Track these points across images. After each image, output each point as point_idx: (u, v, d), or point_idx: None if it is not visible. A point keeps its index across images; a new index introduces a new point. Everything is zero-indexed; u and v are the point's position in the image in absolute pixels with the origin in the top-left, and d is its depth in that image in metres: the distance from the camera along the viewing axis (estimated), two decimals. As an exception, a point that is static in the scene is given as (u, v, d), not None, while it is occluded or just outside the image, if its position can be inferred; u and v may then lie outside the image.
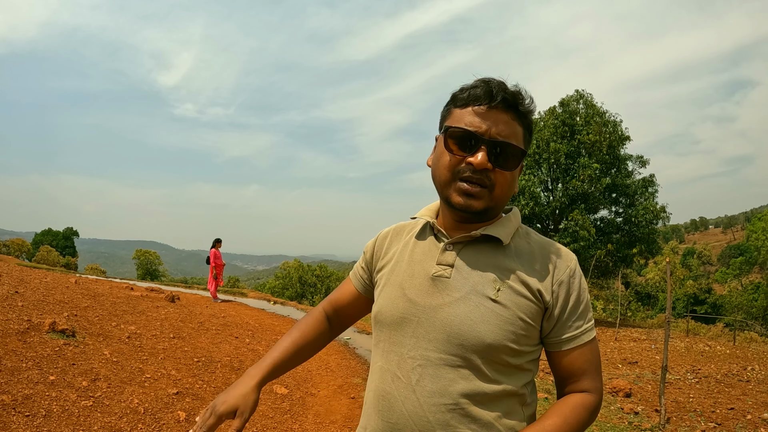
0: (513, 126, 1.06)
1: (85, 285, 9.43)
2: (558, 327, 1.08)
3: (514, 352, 1.04)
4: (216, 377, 5.29)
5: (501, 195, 1.08)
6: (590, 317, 1.12)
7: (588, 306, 1.12)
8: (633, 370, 9.25)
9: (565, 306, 1.07)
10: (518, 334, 1.03)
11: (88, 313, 6.52)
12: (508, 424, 1.04)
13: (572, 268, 1.10)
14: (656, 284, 48.42)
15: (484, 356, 1.02)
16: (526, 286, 1.06)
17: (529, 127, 1.11)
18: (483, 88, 1.06)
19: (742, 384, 8.41)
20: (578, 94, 22.79)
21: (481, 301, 1.04)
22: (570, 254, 1.13)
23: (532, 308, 1.05)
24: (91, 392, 3.96)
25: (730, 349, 13.82)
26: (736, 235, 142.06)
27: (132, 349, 5.38)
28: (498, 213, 1.15)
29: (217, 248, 12.63)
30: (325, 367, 6.68)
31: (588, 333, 1.10)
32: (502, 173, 1.06)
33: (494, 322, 1.02)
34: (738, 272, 49.03)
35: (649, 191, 22.29)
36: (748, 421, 5.98)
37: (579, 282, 1.10)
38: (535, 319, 1.06)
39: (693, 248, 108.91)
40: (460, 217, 1.12)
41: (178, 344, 6.13)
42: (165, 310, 8.16)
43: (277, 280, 48.29)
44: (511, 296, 1.05)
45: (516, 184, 1.13)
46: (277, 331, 8.80)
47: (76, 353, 4.70)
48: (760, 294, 30.40)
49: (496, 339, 1.01)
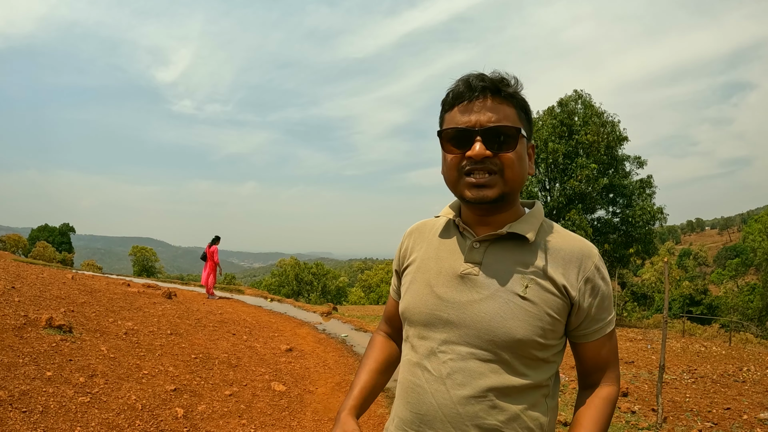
0: (501, 109, 1.07)
1: (81, 281, 9.41)
2: (585, 322, 1.11)
3: (541, 346, 1.06)
4: (213, 374, 5.27)
5: (513, 177, 1.08)
6: (612, 309, 1.15)
7: (611, 298, 1.15)
8: (630, 370, 9.25)
9: (593, 302, 1.10)
10: (546, 329, 1.06)
11: (84, 309, 6.50)
12: (532, 415, 1.08)
13: (596, 263, 1.11)
14: (652, 285, 48.56)
15: (514, 351, 1.05)
16: (553, 282, 1.07)
17: (523, 107, 1.12)
18: (462, 84, 1.09)
19: (738, 384, 8.42)
20: (577, 94, 22.80)
21: (510, 297, 1.06)
22: (593, 249, 1.13)
23: (558, 304, 1.07)
24: (89, 388, 3.94)
25: (725, 349, 13.85)
26: (732, 237, 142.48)
27: (129, 346, 5.36)
28: (515, 198, 1.15)
29: (217, 245, 12.85)
30: (322, 364, 6.66)
31: (611, 323, 1.15)
32: (505, 155, 1.06)
33: (523, 318, 1.05)
34: (734, 273, 49.14)
35: (647, 192, 22.32)
36: (744, 421, 5.98)
37: (603, 278, 1.12)
38: (562, 314, 1.08)
39: (689, 249, 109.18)
40: (480, 210, 1.13)
41: (176, 341, 6.12)
42: (162, 307, 8.14)
43: (274, 277, 48.32)
44: (539, 293, 1.07)
45: (526, 164, 1.13)
46: (275, 328, 8.78)
47: (73, 349, 4.68)
48: (755, 295, 30.49)
49: (525, 335, 1.04)
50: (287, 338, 8.13)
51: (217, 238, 12.81)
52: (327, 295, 46.41)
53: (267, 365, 6.09)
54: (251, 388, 5.13)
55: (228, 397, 4.71)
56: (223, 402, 4.57)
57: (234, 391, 4.91)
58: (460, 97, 1.09)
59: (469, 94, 1.07)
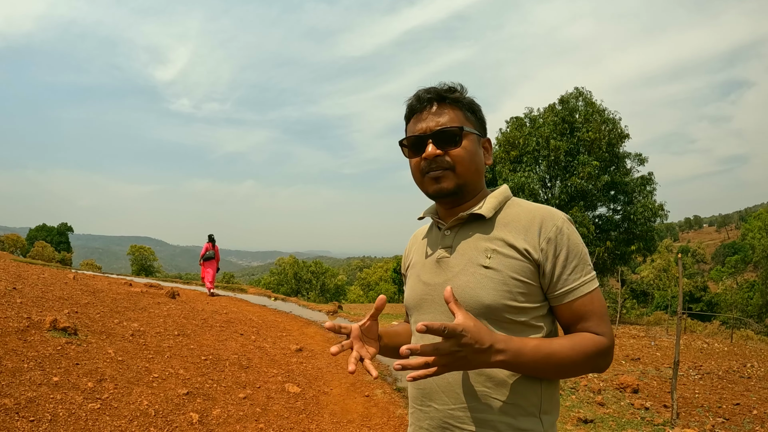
0: (447, 114, 1.24)
1: (83, 281, 9.31)
2: (555, 282, 1.16)
3: (516, 309, 1.14)
4: (225, 376, 5.19)
5: (464, 170, 1.23)
6: (588, 270, 1.19)
7: (584, 259, 1.19)
8: (637, 367, 9.24)
9: (556, 261, 1.16)
10: (514, 292, 1.14)
11: (89, 310, 6.41)
12: (521, 382, 1.14)
13: (559, 225, 1.17)
14: (651, 282, 48.62)
15: (488, 317, 1.14)
16: (514, 248, 1.17)
17: (469, 108, 1.28)
18: (414, 98, 1.29)
19: (743, 380, 8.44)
20: (578, 91, 22.70)
21: (476, 270, 1.18)
22: (558, 214, 1.20)
23: (523, 267, 1.15)
24: (98, 394, 3.85)
25: (728, 346, 13.86)
26: (730, 234, 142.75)
27: (137, 348, 5.28)
28: (474, 188, 1.28)
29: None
30: (335, 364, 6.57)
31: (588, 284, 1.17)
32: (453, 152, 1.22)
33: (489, 285, 1.15)
34: (733, 271, 49.22)
35: (648, 189, 22.25)
36: (754, 416, 6.02)
37: (568, 238, 1.17)
38: (530, 276, 1.16)
39: (687, 246, 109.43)
40: (446, 203, 1.30)
41: (184, 342, 6.03)
42: (167, 307, 8.06)
43: (273, 276, 48.25)
44: (501, 260, 1.16)
45: (479, 156, 1.28)
46: (282, 328, 8.70)
47: (80, 352, 4.59)
48: (755, 292, 30.53)
49: (493, 299, 1.13)
50: (296, 338, 8.06)
51: (213, 235, 13.21)
52: (326, 294, 46.36)
53: (278, 366, 6.01)
54: (265, 390, 5.05)
55: (242, 400, 4.63)
56: (238, 405, 4.49)
57: (248, 393, 4.83)
58: (413, 110, 1.29)
59: (419, 106, 1.27)
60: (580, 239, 1.20)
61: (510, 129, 23.12)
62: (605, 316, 1.19)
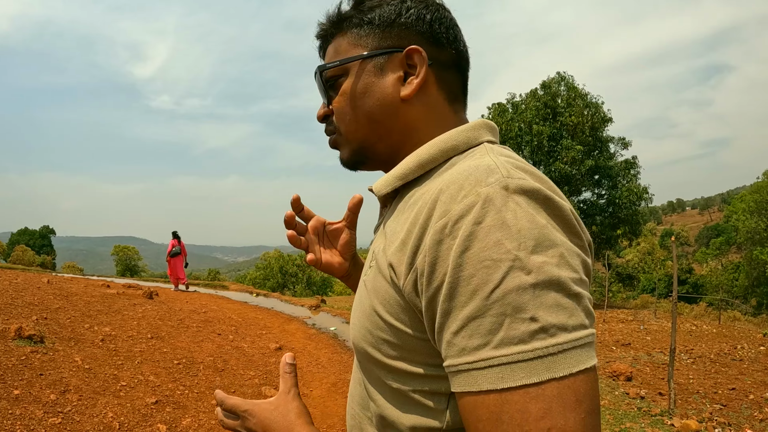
0: (328, 53, 0.78)
1: (58, 284, 8.96)
2: (437, 341, 0.56)
3: (383, 366, 0.64)
4: (198, 381, 4.89)
5: (346, 127, 0.76)
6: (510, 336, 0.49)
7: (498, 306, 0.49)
8: (628, 352, 9.15)
9: (434, 296, 0.54)
10: (376, 336, 0.64)
11: (59, 315, 6.09)
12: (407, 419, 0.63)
13: (455, 214, 0.53)
14: (636, 265, 49.14)
15: (360, 360, 0.71)
16: (385, 255, 0.64)
17: (360, 22, 0.74)
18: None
19: (736, 363, 8.41)
20: (560, 76, 22.64)
21: (361, 284, 0.72)
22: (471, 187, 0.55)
23: (389, 297, 0.62)
24: (60, 407, 3.56)
25: (716, 328, 13.93)
26: (713, 216, 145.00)
27: (106, 354, 4.98)
28: (385, 147, 0.75)
29: None
30: (315, 362, 6.33)
31: (489, 370, 0.49)
32: (334, 106, 0.77)
33: (357, 315, 0.69)
34: (718, 252, 49.88)
35: (632, 173, 22.35)
36: (751, 401, 5.93)
37: (463, 244, 0.52)
38: (400, 317, 0.61)
39: (671, 229, 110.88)
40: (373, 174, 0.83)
41: (157, 345, 5.73)
42: (142, 308, 7.74)
43: (258, 271, 47.92)
44: (374, 276, 0.66)
45: (375, 96, 0.72)
46: (262, 325, 8.41)
47: (45, 361, 4.30)
48: (740, 273, 30.89)
49: (355, 338, 0.68)
50: (276, 335, 7.78)
51: (177, 232, 13.42)
52: (312, 287, 46.22)
53: (256, 367, 5.73)
54: (240, 395, 4.75)
55: (215, 408, 4.32)
56: (210, 413, 4.19)
57: (222, 399, 4.54)
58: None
59: (319, 49, 0.81)
60: (509, 249, 0.50)
61: (492, 115, 22.98)
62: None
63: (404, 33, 0.72)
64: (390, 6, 0.72)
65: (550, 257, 0.50)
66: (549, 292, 0.49)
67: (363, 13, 0.73)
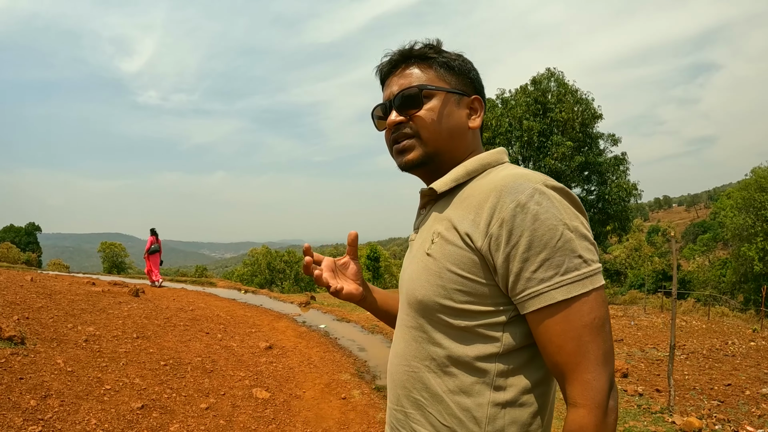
0: (410, 75, 1.05)
1: (41, 282, 8.70)
2: (514, 282, 0.86)
3: (453, 310, 0.92)
4: (186, 383, 4.70)
5: (430, 136, 1.02)
6: (570, 267, 0.83)
7: (561, 250, 0.83)
8: (621, 348, 9.13)
9: (511, 252, 0.85)
10: (450, 288, 0.91)
11: (41, 315, 5.86)
12: (463, 403, 0.91)
13: (522, 201, 0.85)
14: (623, 261, 49.50)
15: (425, 315, 0.96)
16: (456, 231, 0.93)
17: (444, 64, 1.06)
18: (380, 65, 1.11)
19: (728, 359, 8.47)
20: (549, 72, 22.62)
21: (421, 257, 0.99)
22: (527, 183, 0.87)
23: (463, 258, 0.90)
24: (41, 413, 3.37)
25: (705, 323, 14.04)
26: (700, 213, 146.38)
27: (90, 355, 4.78)
28: (452, 157, 1.05)
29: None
30: (307, 362, 6.15)
31: (560, 289, 0.83)
32: (418, 116, 1.02)
33: (425, 278, 0.96)
34: (705, 249, 50.33)
35: (621, 169, 22.41)
36: (747, 397, 5.95)
37: (534, 217, 0.84)
38: (473, 270, 0.90)
39: (657, 226, 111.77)
40: (421, 177, 1.11)
41: (143, 345, 5.53)
42: (128, 306, 7.52)
43: (246, 267, 47.64)
44: (442, 246, 0.95)
45: (454, 119, 1.04)
46: (251, 323, 8.23)
47: (25, 364, 4.09)
48: (727, 269, 31.14)
49: (426, 295, 0.95)
50: (265, 334, 7.61)
51: (155, 229, 13.44)
52: (300, 283, 46.00)
53: (246, 368, 5.55)
54: (230, 398, 4.58)
55: (204, 412, 4.15)
56: (199, 418, 4.02)
57: (211, 403, 4.35)
58: (381, 78, 1.12)
59: (384, 71, 1.10)
60: (561, 218, 0.84)
61: (482, 111, 22.95)
62: (596, 351, 0.82)
63: (470, 84, 1.07)
64: (463, 62, 1.07)
65: (579, 223, 0.86)
66: (583, 241, 0.85)
67: (446, 59, 1.05)
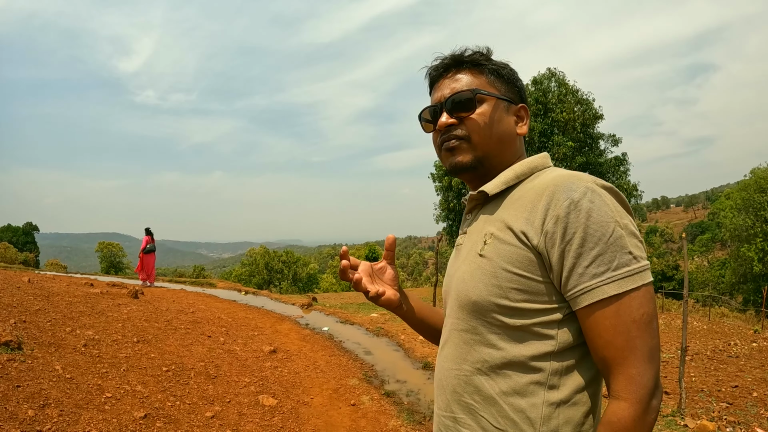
0: (462, 79, 1.07)
1: (39, 283, 8.57)
2: (567, 278, 0.89)
3: (509, 310, 0.92)
4: (190, 390, 4.59)
5: (481, 140, 1.05)
6: (623, 262, 0.86)
7: (614, 246, 0.86)
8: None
9: (566, 248, 0.87)
10: (505, 287, 0.92)
11: (39, 318, 5.74)
12: (517, 404, 0.91)
13: (576, 198, 0.88)
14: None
15: (478, 316, 0.96)
16: (511, 231, 0.94)
17: (494, 71, 1.09)
18: (430, 68, 1.13)
19: (733, 360, 8.42)
20: (550, 72, 22.57)
21: (473, 258, 1.00)
22: (580, 182, 0.90)
23: (519, 256, 0.92)
24: (39, 424, 3.25)
25: (706, 324, 14.02)
26: (697, 214, 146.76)
27: (89, 360, 4.66)
28: (501, 162, 1.08)
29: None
30: (313, 366, 6.04)
31: (612, 284, 0.86)
32: (470, 119, 1.04)
33: (479, 278, 0.96)
34: (704, 249, 50.44)
35: (622, 169, 22.39)
36: (755, 398, 5.87)
37: (588, 215, 0.87)
38: (529, 268, 0.91)
39: (655, 226, 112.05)
40: (468, 180, 1.12)
41: (144, 350, 5.42)
42: (127, 308, 7.40)
43: (244, 267, 47.47)
44: (496, 247, 0.96)
45: (504, 125, 1.07)
46: (253, 326, 8.12)
47: (22, 371, 3.97)
48: (727, 270, 31.16)
49: (480, 295, 0.95)
50: (269, 337, 7.49)
51: (150, 228, 13.56)
52: (298, 283, 45.86)
53: (251, 373, 5.44)
54: (236, 405, 4.47)
55: (210, 420, 4.03)
56: (205, 427, 3.90)
57: (216, 411, 4.23)
58: (431, 80, 1.13)
59: (436, 74, 1.12)
60: (612, 216, 0.87)
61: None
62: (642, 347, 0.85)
63: (517, 92, 1.11)
64: (511, 71, 1.11)
65: (629, 221, 0.90)
66: (633, 238, 0.88)
67: (496, 66, 1.09)
